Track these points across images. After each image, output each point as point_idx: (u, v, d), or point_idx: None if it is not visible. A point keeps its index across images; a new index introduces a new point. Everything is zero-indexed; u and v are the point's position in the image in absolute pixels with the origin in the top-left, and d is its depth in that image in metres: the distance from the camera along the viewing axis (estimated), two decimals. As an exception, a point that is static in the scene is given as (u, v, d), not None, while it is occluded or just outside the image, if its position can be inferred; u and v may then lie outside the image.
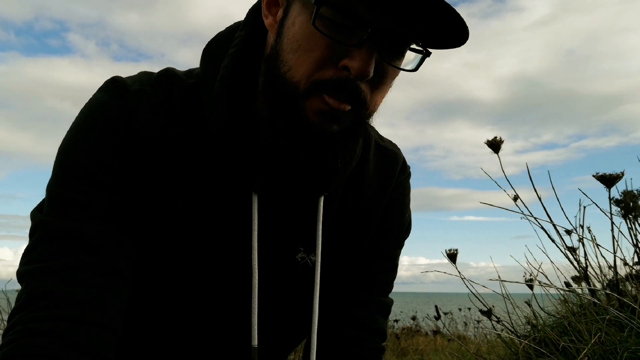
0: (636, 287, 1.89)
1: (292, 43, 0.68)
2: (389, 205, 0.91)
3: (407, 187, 0.96)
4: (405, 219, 0.96)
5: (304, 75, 0.67)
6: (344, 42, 0.65)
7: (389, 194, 0.90)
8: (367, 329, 0.91)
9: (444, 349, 4.68)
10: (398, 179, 0.92)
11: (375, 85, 0.70)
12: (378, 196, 0.89)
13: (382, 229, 0.91)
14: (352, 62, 0.65)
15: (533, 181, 2.01)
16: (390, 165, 0.92)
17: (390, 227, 0.93)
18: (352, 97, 0.67)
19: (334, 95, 0.67)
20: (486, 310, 2.21)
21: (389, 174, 0.91)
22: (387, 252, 0.94)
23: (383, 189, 0.90)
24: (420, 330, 7.11)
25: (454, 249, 2.10)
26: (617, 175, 1.85)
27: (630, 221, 1.94)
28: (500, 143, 2.02)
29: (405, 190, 0.95)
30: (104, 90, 0.76)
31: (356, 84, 0.67)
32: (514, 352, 1.99)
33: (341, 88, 0.66)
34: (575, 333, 1.68)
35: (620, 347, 1.45)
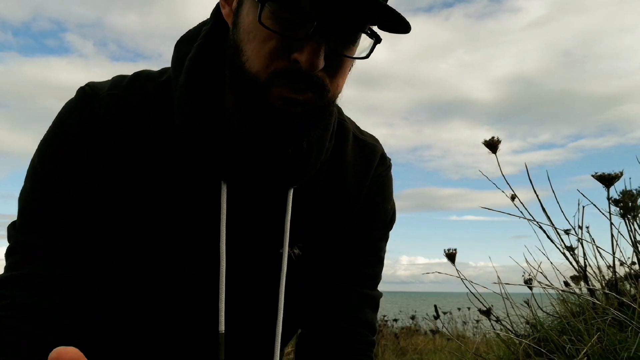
0: (635, 287, 1.89)
1: (247, 34, 0.70)
2: (369, 197, 0.91)
3: (388, 178, 0.95)
4: (387, 210, 0.96)
5: (261, 66, 0.68)
6: (292, 37, 0.66)
7: (367, 185, 0.91)
8: (355, 321, 0.91)
9: (443, 349, 4.68)
10: (377, 171, 0.92)
11: (333, 73, 0.71)
12: (357, 188, 0.90)
13: (364, 222, 0.91)
14: (301, 56, 0.66)
15: (530, 181, 2.01)
16: (369, 157, 0.92)
17: (372, 219, 0.93)
18: (310, 86, 0.69)
19: (293, 86, 0.69)
20: (485, 310, 2.22)
21: (367, 166, 0.91)
22: (371, 244, 0.94)
23: (362, 181, 0.90)
24: (419, 329, 7.12)
25: (452, 249, 2.10)
26: (616, 174, 1.85)
27: (629, 221, 1.94)
28: (498, 143, 2.02)
29: (385, 181, 0.95)
30: (74, 99, 0.79)
31: (311, 73, 0.68)
32: (513, 351, 1.99)
33: (297, 79, 0.68)
34: (575, 333, 1.68)
35: (620, 347, 1.45)
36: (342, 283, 0.91)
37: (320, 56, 0.66)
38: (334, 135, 0.87)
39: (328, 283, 0.91)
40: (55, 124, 0.78)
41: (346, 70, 0.74)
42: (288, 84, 0.68)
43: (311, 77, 0.68)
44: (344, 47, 0.70)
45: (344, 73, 0.74)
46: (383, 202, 0.94)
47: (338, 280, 0.91)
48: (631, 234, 1.96)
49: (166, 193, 0.78)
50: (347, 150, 0.90)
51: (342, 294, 0.91)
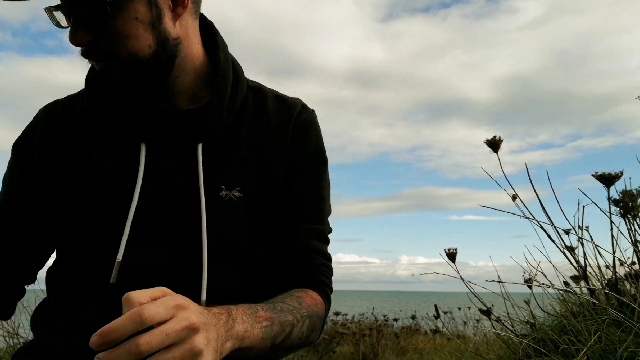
0: (635, 287, 1.89)
1: None
2: (296, 140, 1.00)
3: (311, 122, 1.04)
4: (316, 151, 1.04)
5: None
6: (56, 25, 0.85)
7: (292, 130, 1.00)
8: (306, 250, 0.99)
9: (443, 348, 4.68)
10: (300, 116, 1.02)
11: (109, 39, 0.84)
12: (282, 133, 0.99)
13: (296, 163, 1.00)
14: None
15: (530, 181, 2.01)
16: (290, 107, 1.03)
17: (304, 160, 1.01)
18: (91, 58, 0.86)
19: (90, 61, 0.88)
20: (485, 310, 2.22)
21: (288, 113, 1.02)
22: (308, 183, 1.02)
23: (285, 127, 1.00)
24: (419, 329, 7.12)
25: (453, 249, 2.10)
26: (616, 174, 1.85)
27: (629, 221, 1.94)
28: (500, 142, 2.02)
29: (310, 126, 1.04)
30: None
31: (87, 50, 0.85)
32: (513, 351, 1.99)
33: (85, 57, 0.86)
34: (575, 332, 1.68)
35: (620, 347, 1.45)
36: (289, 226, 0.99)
37: (73, 33, 0.82)
38: (238, 95, 0.97)
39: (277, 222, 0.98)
40: None
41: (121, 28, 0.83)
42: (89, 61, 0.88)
43: (88, 52, 0.85)
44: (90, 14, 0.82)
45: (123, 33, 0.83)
46: (310, 143, 1.02)
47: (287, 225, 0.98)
48: (631, 234, 1.96)
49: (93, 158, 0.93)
50: (268, 104, 1.01)
51: (291, 232, 0.99)
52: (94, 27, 0.83)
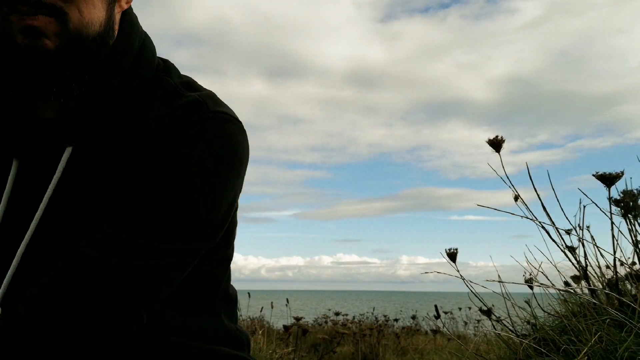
0: (636, 287, 1.89)
1: None
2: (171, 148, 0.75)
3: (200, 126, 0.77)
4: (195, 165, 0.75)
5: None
6: None
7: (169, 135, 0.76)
8: None
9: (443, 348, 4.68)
10: (186, 121, 0.76)
11: None
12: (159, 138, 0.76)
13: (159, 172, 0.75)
14: None
15: (531, 181, 2.00)
16: (178, 107, 0.78)
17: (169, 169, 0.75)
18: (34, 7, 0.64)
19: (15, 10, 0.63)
20: (486, 310, 2.21)
21: (173, 115, 0.77)
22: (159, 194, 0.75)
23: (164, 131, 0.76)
24: (420, 329, 7.13)
25: (453, 249, 2.10)
26: (617, 174, 1.85)
27: (630, 221, 1.94)
28: (502, 142, 2.02)
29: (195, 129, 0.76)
30: None
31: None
32: (513, 351, 1.99)
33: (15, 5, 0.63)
34: (575, 333, 1.68)
35: (620, 347, 1.45)
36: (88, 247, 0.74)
37: None
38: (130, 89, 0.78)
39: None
40: None
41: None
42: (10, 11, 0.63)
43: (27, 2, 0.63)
44: None
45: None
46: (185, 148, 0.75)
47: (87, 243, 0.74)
48: (632, 234, 1.96)
49: None
50: (155, 102, 0.79)
51: None
52: None
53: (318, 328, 7.42)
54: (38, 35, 0.65)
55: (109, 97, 0.77)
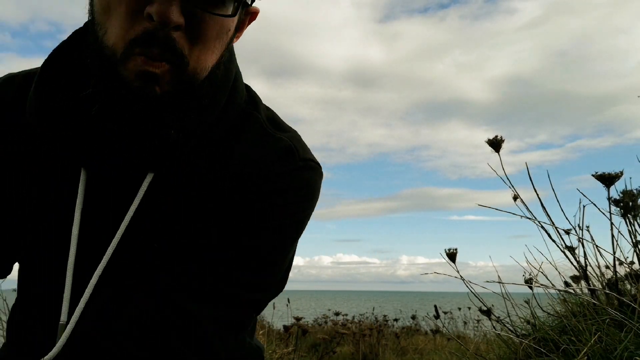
0: (635, 287, 1.89)
1: (101, 2, 0.64)
2: (261, 193, 0.76)
3: (291, 175, 0.78)
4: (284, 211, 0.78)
5: (118, 36, 0.63)
6: None
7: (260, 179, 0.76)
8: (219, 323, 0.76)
9: (443, 348, 4.68)
10: (276, 166, 0.77)
11: (195, 37, 0.65)
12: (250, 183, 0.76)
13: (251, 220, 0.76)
14: (152, 8, 0.60)
15: (530, 181, 2.01)
16: (270, 151, 0.78)
17: (262, 217, 0.76)
18: (165, 50, 0.63)
19: (147, 53, 0.63)
20: (486, 310, 2.22)
21: (263, 161, 0.77)
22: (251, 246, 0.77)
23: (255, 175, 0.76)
24: (419, 329, 7.13)
25: (453, 249, 2.10)
26: (617, 174, 1.85)
27: (630, 221, 1.94)
28: (501, 142, 2.02)
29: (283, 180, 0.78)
30: None
31: (166, 33, 0.62)
32: (513, 351, 1.99)
33: (151, 41, 0.62)
34: (575, 333, 1.68)
35: (620, 347, 1.45)
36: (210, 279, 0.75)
37: (172, 7, 0.61)
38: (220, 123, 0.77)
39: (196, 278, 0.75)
40: None
41: (210, 37, 0.67)
42: (143, 52, 0.63)
43: (166, 37, 0.62)
44: (205, 4, 0.64)
45: (209, 41, 0.67)
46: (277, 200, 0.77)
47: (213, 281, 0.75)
48: (631, 234, 1.96)
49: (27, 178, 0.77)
50: (244, 141, 0.78)
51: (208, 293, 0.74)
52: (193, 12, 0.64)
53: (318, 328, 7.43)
54: (153, 81, 0.65)
55: (204, 132, 0.76)
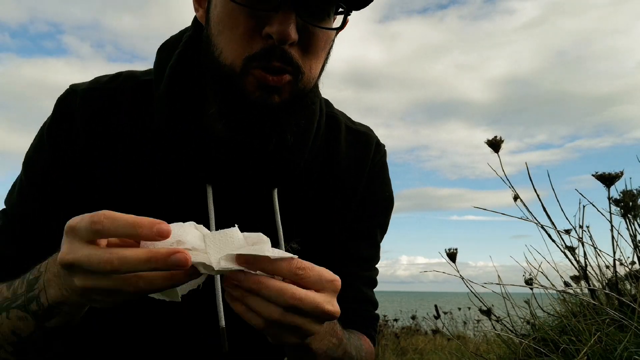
0: (635, 287, 1.89)
1: (218, 25, 0.69)
2: (367, 185, 0.92)
3: (383, 165, 0.96)
4: (384, 197, 0.97)
5: (236, 55, 0.68)
6: (261, 9, 0.66)
7: (365, 175, 0.92)
8: (357, 300, 0.93)
9: (443, 348, 4.68)
10: (373, 160, 0.94)
11: (306, 49, 0.70)
12: (354, 179, 0.90)
13: (362, 210, 0.92)
14: (272, 28, 0.66)
15: (530, 181, 2.01)
16: (364, 147, 0.93)
17: (370, 206, 0.93)
18: (285, 64, 0.69)
19: (267, 67, 0.68)
20: (486, 310, 2.22)
21: (363, 155, 0.92)
22: (368, 229, 0.95)
23: (359, 172, 0.91)
24: (419, 329, 7.12)
25: (453, 249, 2.10)
26: (617, 174, 1.85)
27: (630, 221, 1.94)
28: (501, 142, 2.02)
29: (382, 168, 0.96)
30: (56, 101, 0.83)
31: (283, 49, 0.67)
32: (513, 351, 1.99)
33: (270, 57, 0.67)
34: (575, 333, 1.68)
35: (620, 347, 1.45)
36: (343, 268, 0.89)
37: (290, 26, 0.66)
38: (321, 128, 0.86)
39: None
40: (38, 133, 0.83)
41: (321, 50, 0.73)
42: (262, 66, 0.68)
43: (283, 53, 0.67)
44: (315, 20, 0.70)
45: (319, 52, 0.72)
46: (381, 189, 0.95)
47: (339, 265, 0.89)
48: (631, 234, 1.96)
49: (149, 192, 0.78)
50: (341, 141, 0.90)
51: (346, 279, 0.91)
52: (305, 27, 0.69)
53: (318, 328, 7.39)
54: (273, 92, 0.70)
55: (315, 139, 0.84)
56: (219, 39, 0.69)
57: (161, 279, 0.52)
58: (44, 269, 0.65)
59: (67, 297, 0.60)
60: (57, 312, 0.64)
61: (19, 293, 0.67)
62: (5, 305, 0.68)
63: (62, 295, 0.60)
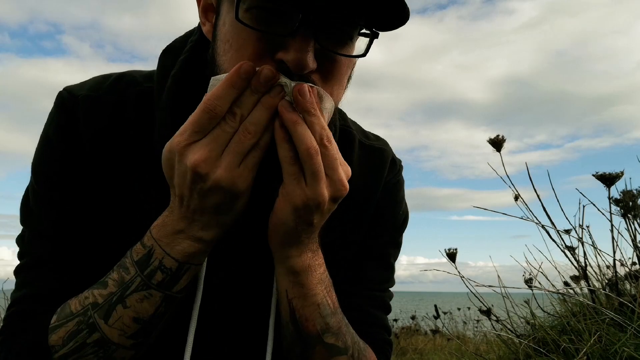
0: (635, 287, 1.89)
1: (224, 44, 0.64)
2: (380, 203, 0.87)
3: (399, 182, 0.91)
4: (398, 215, 0.91)
5: None
6: (275, 33, 0.60)
7: (378, 193, 0.87)
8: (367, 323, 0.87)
9: (443, 348, 4.68)
10: (387, 178, 0.89)
11: (327, 77, 0.64)
12: (367, 197, 0.85)
13: (374, 228, 0.87)
14: (287, 55, 0.59)
15: (530, 181, 2.01)
16: (378, 165, 0.88)
17: (383, 225, 0.88)
18: None
19: None
20: (485, 310, 2.21)
21: (377, 174, 0.87)
22: (379, 250, 0.89)
23: (371, 190, 0.86)
24: (419, 329, 7.12)
25: (453, 249, 2.10)
26: (617, 174, 1.85)
27: (630, 221, 1.94)
28: (503, 141, 2.02)
29: (397, 185, 0.91)
30: (53, 109, 0.78)
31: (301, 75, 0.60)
32: (513, 351, 1.99)
33: None
34: (574, 333, 1.68)
35: (619, 347, 1.45)
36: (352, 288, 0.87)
37: (308, 54, 0.59)
38: None
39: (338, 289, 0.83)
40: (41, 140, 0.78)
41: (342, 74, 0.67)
42: None
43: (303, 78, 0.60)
44: (336, 45, 0.63)
45: (341, 77, 0.66)
46: (394, 208, 0.90)
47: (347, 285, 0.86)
48: (631, 234, 1.96)
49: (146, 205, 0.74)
50: (353, 159, 0.84)
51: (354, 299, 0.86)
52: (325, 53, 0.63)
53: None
54: None
55: None
56: (223, 59, 0.64)
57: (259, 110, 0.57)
58: (150, 244, 0.66)
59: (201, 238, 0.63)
60: (186, 269, 0.65)
61: (129, 278, 0.66)
62: (116, 298, 0.66)
63: (192, 245, 0.63)
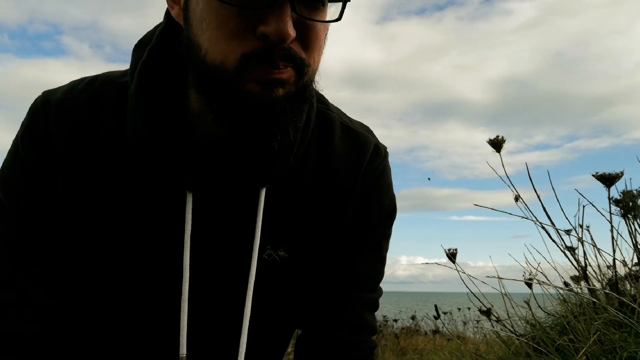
0: (635, 287, 1.89)
1: (200, 24, 0.63)
2: (363, 192, 0.83)
3: (384, 170, 0.86)
4: (384, 205, 0.86)
5: (225, 53, 0.62)
6: (252, 7, 0.60)
7: (360, 180, 0.82)
8: (355, 328, 0.85)
9: (443, 349, 4.68)
10: (370, 164, 0.83)
11: (306, 43, 0.65)
12: (349, 184, 0.81)
13: (359, 219, 0.83)
14: (268, 27, 0.60)
15: (530, 181, 2.01)
16: (361, 149, 0.83)
17: (368, 215, 0.84)
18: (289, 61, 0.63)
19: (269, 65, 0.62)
20: (485, 310, 2.22)
21: (359, 159, 0.82)
22: (369, 242, 0.86)
23: (354, 176, 0.81)
24: (419, 329, 7.12)
25: (454, 249, 2.10)
26: (617, 174, 1.85)
27: (630, 221, 1.94)
28: (502, 142, 2.03)
29: (382, 174, 0.85)
30: (26, 116, 0.76)
31: (284, 47, 0.61)
32: (513, 351, 1.99)
33: (271, 57, 0.61)
34: (574, 332, 1.68)
35: (619, 347, 1.45)
36: (339, 289, 0.84)
37: (288, 24, 0.60)
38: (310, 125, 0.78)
39: (324, 288, 0.84)
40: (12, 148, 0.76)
41: (320, 40, 0.67)
42: (263, 66, 0.62)
43: (286, 51, 0.62)
44: (311, 11, 0.64)
45: (319, 43, 0.67)
46: (379, 196, 0.85)
47: (335, 285, 0.84)
48: (631, 234, 1.96)
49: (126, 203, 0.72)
50: (335, 141, 0.82)
51: (341, 301, 0.84)
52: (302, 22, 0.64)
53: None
54: (277, 86, 0.64)
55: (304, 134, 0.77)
56: (202, 39, 0.63)
57: None
58: None
59: None
60: None
61: None
62: None
63: None
